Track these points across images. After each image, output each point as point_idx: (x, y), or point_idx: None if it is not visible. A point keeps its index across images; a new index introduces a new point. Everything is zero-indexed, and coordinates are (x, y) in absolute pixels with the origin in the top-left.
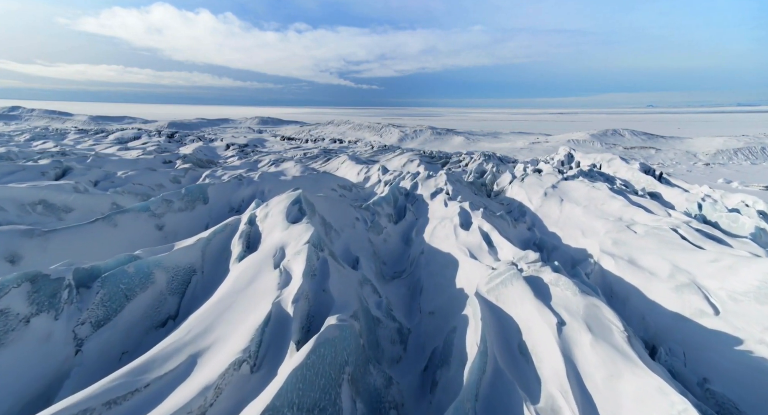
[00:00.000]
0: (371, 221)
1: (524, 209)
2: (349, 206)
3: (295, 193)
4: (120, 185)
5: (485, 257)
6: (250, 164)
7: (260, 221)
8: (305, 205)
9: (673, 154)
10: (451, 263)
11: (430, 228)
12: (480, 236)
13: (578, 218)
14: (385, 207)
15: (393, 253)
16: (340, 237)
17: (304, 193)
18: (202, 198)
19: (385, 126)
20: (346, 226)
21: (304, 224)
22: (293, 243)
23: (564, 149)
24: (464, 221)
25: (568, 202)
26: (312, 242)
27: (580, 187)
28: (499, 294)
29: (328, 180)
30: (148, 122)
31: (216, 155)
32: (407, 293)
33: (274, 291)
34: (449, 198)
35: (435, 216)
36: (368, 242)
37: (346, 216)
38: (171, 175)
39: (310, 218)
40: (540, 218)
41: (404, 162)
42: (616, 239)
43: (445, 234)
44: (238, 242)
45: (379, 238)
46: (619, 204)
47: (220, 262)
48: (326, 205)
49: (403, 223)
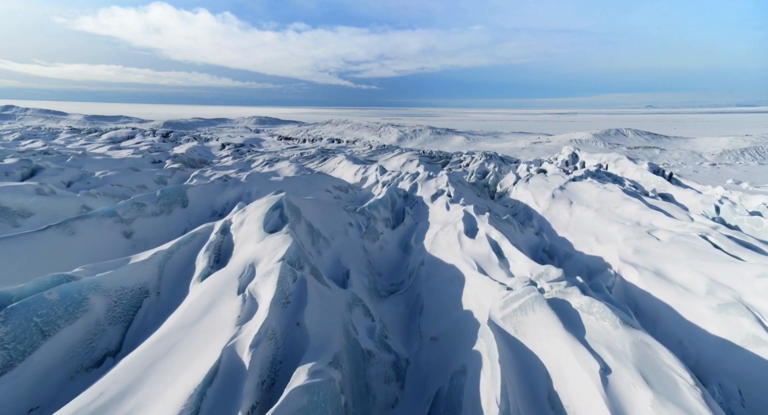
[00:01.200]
0: (366, 227)
1: (530, 211)
2: (341, 210)
3: (276, 196)
4: (96, 186)
5: (495, 270)
6: (243, 164)
7: (235, 230)
8: (288, 210)
9: (678, 154)
10: (455, 277)
11: (431, 234)
12: (488, 245)
13: (590, 222)
14: (381, 211)
15: (390, 262)
16: (329, 246)
17: (287, 197)
18: (181, 201)
19: (384, 126)
20: (338, 233)
21: (282, 234)
22: (266, 259)
23: (568, 149)
24: (469, 227)
25: (578, 204)
26: (288, 259)
27: (590, 189)
28: (518, 323)
29: (322, 181)
30: (144, 122)
31: (210, 155)
32: (405, 311)
33: (231, 328)
34: (451, 200)
35: (436, 220)
36: (362, 251)
37: (337, 221)
38: (156, 175)
39: (294, 225)
40: (548, 222)
41: (403, 162)
42: (638, 246)
43: (448, 242)
44: (204, 255)
45: (375, 245)
46: (635, 207)
47: (183, 280)
48: (315, 209)
49: (402, 228)
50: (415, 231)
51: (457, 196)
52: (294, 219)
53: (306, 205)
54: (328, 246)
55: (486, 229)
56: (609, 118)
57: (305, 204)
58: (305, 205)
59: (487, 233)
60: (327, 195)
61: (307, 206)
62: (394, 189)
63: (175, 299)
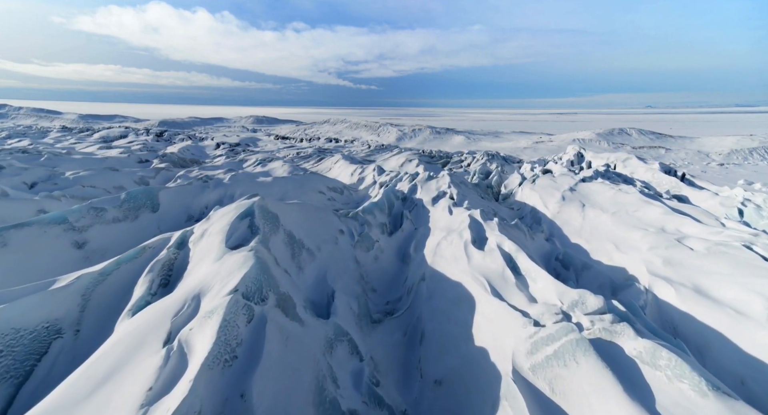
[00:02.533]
0: (359, 234)
1: (538, 215)
2: (331, 216)
3: (247, 202)
4: (64, 188)
5: (512, 293)
6: (235, 164)
7: (194, 243)
8: (261, 218)
9: (684, 153)
10: (463, 298)
11: (432, 242)
12: (501, 258)
13: (607, 228)
14: (377, 215)
15: (386, 275)
16: (314, 259)
17: (261, 202)
18: (150, 205)
19: (383, 125)
20: (326, 242)
21: (245, 251)
22: (216, 288)
23: (573, 148)
24: (477, 235)
25: (592, 207)
26: (243, 289)
27: (604, 190)
28: (554, 378)
29: (315, 181)
30: (140, 121)
31: (204, 155)
32: (402, 340)
33: (133, 410)
34: (454, 203)
35: (438, 226)
36: (353, 263)
37: (326, 229)
38: (138, 176)
39: (268, 237)
40: (558, 226)
41: (402, 162)
42: (668, 257)
43: (453, 254)
44: (145, 279)
45: (369, 255)
46: (657, 211)
47: (118, 313)
48: (298, 215)
49: (399, 234)
50: (414, 238)
51: (461, 198)
52: (269, 229)
53: (287, 211)
54: (313, 259)
55: (497, 238)
56: (609, 118)
57: (286, 210)
58: (286, 211)
59: (499, 244)
60: (320, 197)
61: (289, 212)
62: (391, 191)
63: (101, 339)
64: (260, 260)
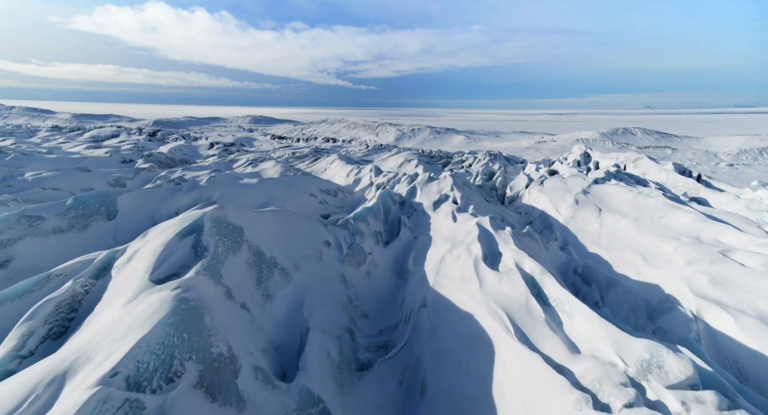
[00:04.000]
0: (349, 246)
1: (549, 220)
2: (316, 225)
3: (195, 213)
4: (20, 190)
5: (543, 334)
6: (224, 164)
7: (117, 270)
8: (214, 234)
9: (691, 153)
10: (477, 337)
11: (434, 255)
12: (522, 282)
13: (630, 236)
14: (371, 222)
15: (379, 295)
16: (290, 282)
17: (217, 213)
18: (105, 212)
19: (382, 125)
20: (307, 259)
21: (166, 291)
22: (97, 360)
23: (579, 148)
24: (488, 249)
25: (609, 212)
26: (127, 373)
27: (621, 193)
28: None
29: (306, 183)
30: (135, 121)
31: (197, 155)
32: (398, 393)
33: None
34: (458, 208)
35: (440, 235)
36: (340, 283)
37: (308, 241)
38: (113, 177)
39: (221, 260)
40: (573, 233)
41: (401, 162)
42: (715, 274)
43: (461, 273)
44: (18, 331)
45: (360, 271)
46: (688, 218)
47: None
48: (273, 226)
49: (396, 244)
50: (413, 249)
51: (465, 202)
52: (226, 248)
53: (257, 222)
54: (288, 282)
55: (514, 255)
56: (608, 118)
57: (257, 220)
58: (256, 223)
59: (517, 263)
60: (310, 200)
61: (260, 223)
62: (387, 194)
63: None
64: (183, 310)
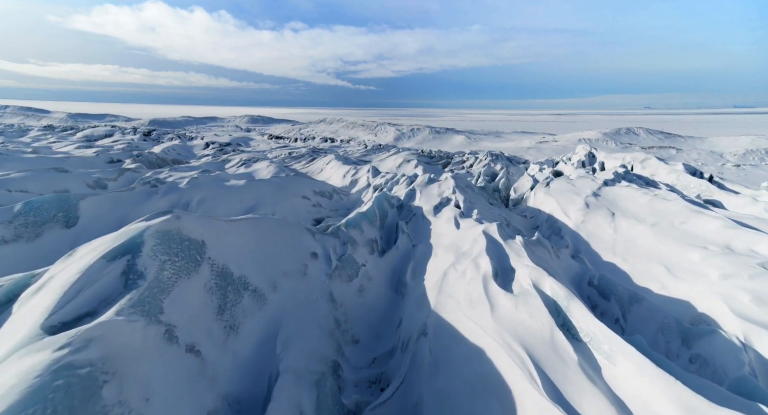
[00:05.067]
0: (340, 257)
1: (557, 224)
2: (302, 233)
3: (136, 227)
4: None
5: (580, 386)
6: (216, 164)
7: (20, 305)
8: (159, 254)
9: (696, 154)
10: (491, 384)
11: (436, 267)
12: (544, 310)
13: (649, 243)
14: (365, 229)
15: (373, 314)
16: (264, 305)
17: (170, 224)
18: (63, 218)
19: (380, 124)
20: (287, 275)
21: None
22: None
23: (584, 148)
24: (498, 263)
25: (624, 217)
26: None
27: (635, 196)
28: None
29: (300, 185)
30: (131, 120)
31: (191, 154)
32: None
33: None
34: (461, 213)
35: (442, 243)
36: (326, 302)
37: (290, 254)
38: (93, 178)
39: (165, 288)
40: (584, 240)
41: (399, 163)
42: (761, 292)
43: (467, 293)
44: None
45: (351, 287)
46: (716, 224)
47: None
48: (248, 237)
49: (393, 254)
50: (412, 258)
51: (468, 206)
52: (178, 269)
53: (225, 234)
54: (261, 306)
55: (530, 273)
56: (608, 118)
57: (225, 231)
58: (224, 234)
59: (535, 283)
60: (303, 203)
61: (229, 234)
62: (384, 197)
63: None
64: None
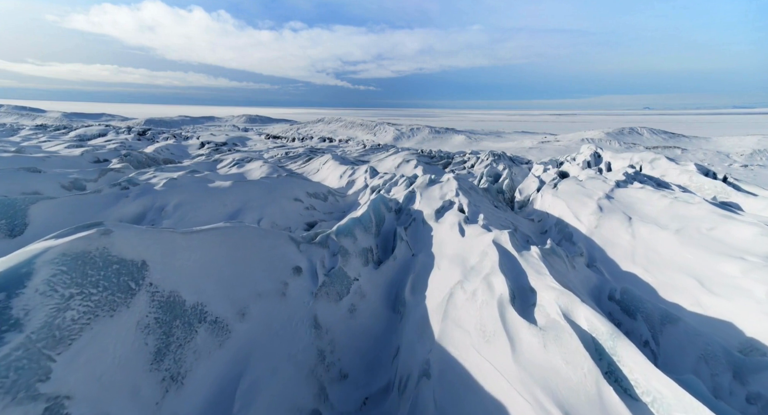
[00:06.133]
0: (328, 271)
1: (568, 229)
2: (284, 244)
3: (29, 250)
4: None
5: None
6: (208, 165)
7: None
8: (61, 287)
9: (702, 154)
10: None
11: (439, 282)
12: (584, 354)
13: (674, 252)
14: (359, 237)
15: (365, 338)
16: (226, 341)
17: (93, 241)
18: (6, 226)
19: (379, 124)
20: (261, 297)
21: None
22: None
23: (589, 148)
24: (515, 283)
25: (642, 222)
26: None
27: (654, 199)
28: None
29: (292, 186)
30: (127, 120)
31: (186, 154)
32: None
33: None
34: (466, 219)
35: (445, 253)
36: (309, 329)
37: (266, 271)
38: (69, 179)
39: (71, 334)
40: (599, 247)
41: (398, 163)
42: None
43: (481, 324)
44: None
45: (340, 307)
46: (751, 231)
47: None
48: (210, 253)
49: (391, 265)
50: (412, 271)
51: (473, 210)
52: (96, 304)
53: (179, 250)
54: (222, 342)
55: (558, 298)
56: (608, 119)
57: (180, 246)
58: (177, 251)
59: (565, 312)
60: (295, 206)
61: (186, 251)
62: (381, 200)
63: None
64: None
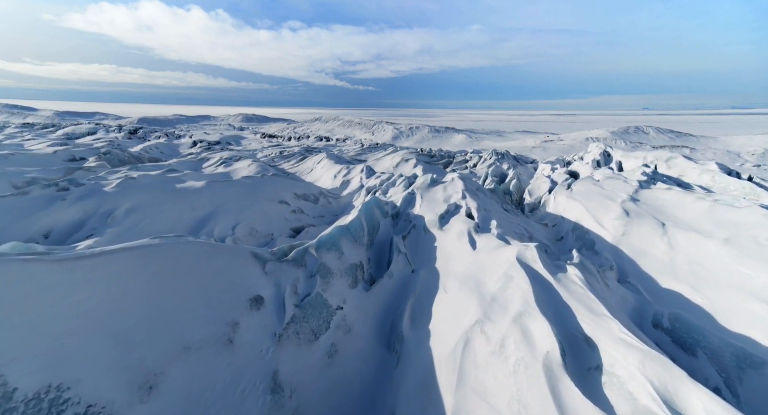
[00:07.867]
0: (303, 299)
1: (588, 236)
2: (242, 264)
3: None
4: None
5: None
6: (192, 164)
7: None
8: None
9: (711, 154)
10: None
11: (447, 312)
12: None
13: (724, 266)
14: (347, 250)
15: (348, 399)
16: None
17: None
18: None
19: (378, 123)
20: (194, 349)
21: None
22: None
23: (598, 146)
24: (561, 329)
25: (680, 229)
26: None
27: (689, 202)
28: None
29: (277, 187)
30: (120, 119)
31: (176, 153)
32: None
33: None
34: (476, 226)
35: (452, 270)
36: (260, 395)
37: (206, 308)
38: (26, 178)
39: None
40: (629, 257)
41: (397, 162)
42: None
43: (519, 399)
44: None
45: (314, 353)
46: None
47: None
48: (115, 286)
49: (385, 285)
50: (412, 293)
51: (483, 216)
52: None
53: (41, 289)
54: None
55: (650, 371)
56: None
57: (45, 281)
58: (39, 289)
59: (664, 394)
60: (279, 209)
61: (55, 288)
62: (374, 204)
63: None
64: None
